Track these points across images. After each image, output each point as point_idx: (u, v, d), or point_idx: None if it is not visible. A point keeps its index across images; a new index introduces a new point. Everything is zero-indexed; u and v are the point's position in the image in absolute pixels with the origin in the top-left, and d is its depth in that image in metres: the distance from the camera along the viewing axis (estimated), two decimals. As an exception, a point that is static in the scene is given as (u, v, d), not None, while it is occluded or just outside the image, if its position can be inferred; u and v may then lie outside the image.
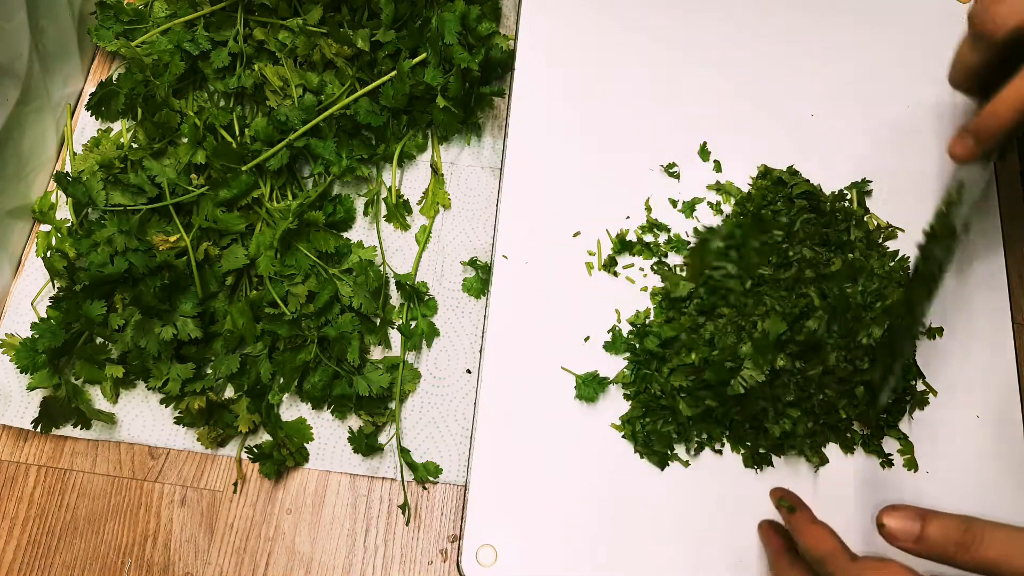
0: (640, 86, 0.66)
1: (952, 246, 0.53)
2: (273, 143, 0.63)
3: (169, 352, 0.58)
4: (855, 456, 0.56)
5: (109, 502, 0.59)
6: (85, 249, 0.59)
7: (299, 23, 0.65)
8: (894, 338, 0.54)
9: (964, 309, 0.60)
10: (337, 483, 0.60)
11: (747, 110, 0.65)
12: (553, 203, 0.63)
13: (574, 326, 0.59)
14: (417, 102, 0.66)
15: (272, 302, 0.60)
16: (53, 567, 0.58)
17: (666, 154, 0.64)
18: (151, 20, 0.68)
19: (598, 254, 0.61)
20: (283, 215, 0.61)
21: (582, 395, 0.57)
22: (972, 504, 0.55)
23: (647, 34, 0.68)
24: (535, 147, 0.64)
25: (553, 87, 0.66)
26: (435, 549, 0.58)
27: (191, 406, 0.58)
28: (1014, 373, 0.58)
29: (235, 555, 0.58)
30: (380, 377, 0.59)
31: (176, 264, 0.58)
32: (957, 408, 0.57)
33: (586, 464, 0.56)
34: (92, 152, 0.65)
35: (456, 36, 0.63)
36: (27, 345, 0.58)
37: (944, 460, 0.56)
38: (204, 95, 0.68)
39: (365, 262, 0.62)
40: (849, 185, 0.62)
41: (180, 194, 0.61)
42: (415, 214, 0.66)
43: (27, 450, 0.61)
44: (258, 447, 0.59)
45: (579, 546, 0.54)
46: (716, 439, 0.56)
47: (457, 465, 0.59)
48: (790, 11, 0.69)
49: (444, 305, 0.63)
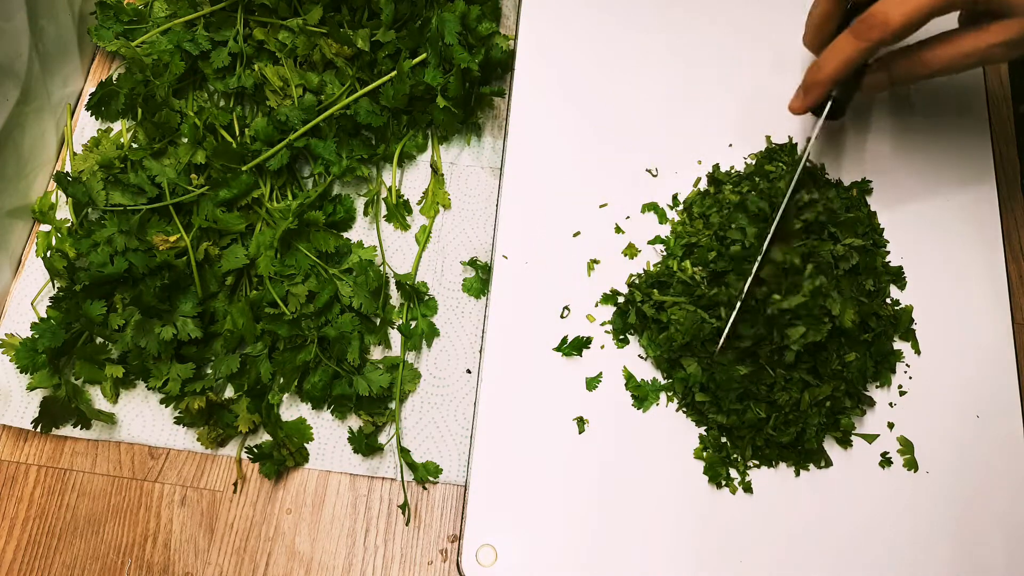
0: (640, 86, 0.66)
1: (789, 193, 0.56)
2: (273, 143, 0.63)
3: (169, 352, 0.58)
4: (855, 456, 0.56)
5: (109, 502, 0.59)
6: (85, 249, 0.59)
7: (299, 23, 0.65)
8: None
9: (964, 308, 0.60)
10: (337, 483, 0.60)
11: (748, 110, 0.65)
12: (553, 203, 0.63)
13: (574, 326, 0.59)
14: (417, 102, 0.66)
15: (272, 302, 0.60)
16: (53, 567, 0.58)
17: (666, 154, 0.64)
18: (151, 20, 0.68)
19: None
20: (283, 215, 0.61)
21: (566, 352, 0.58)
22: (972, 504, 0.55)
23: (647, 34, 0.68)
24: (535, 147, 0.64)
25: (553, 87, 0.66)
26: (435, 549, 0.58)
27: (191, 406, 0.58)
28: (1014, 373, 0.58)
29: (235, 555, 0.58)
30: (380, 377, 0.59)
31: (176, 264, 0.58)
32: (957, 408, 0.57)
33: (586, 464, 0.56)
34: (92, 152, 0.65)
35: (456, 36, 0.63)
36: (27, 345, 0.58)
37: (944, 460, 0.56)
38: (204, 95, 0.68)
39: (365, 262, 0.62)
40: (850, 184, 0.62)
41: (180, 194, 0.61)
42: (415, 214, 0.66)
43: (27, 450, 0.61)
44: (258, 447, 0.59)
45: (579, 546, 0.54)
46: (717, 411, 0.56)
47: (457, 465, 0.59)
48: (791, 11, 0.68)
49: (444, 305, 0.63)
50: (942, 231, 0.62)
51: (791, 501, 0.55)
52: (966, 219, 0.62)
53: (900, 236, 0.61)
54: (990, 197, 0.63)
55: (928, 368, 0.58)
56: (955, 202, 0.62)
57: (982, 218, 0.62)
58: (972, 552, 0.54)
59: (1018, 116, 0.70)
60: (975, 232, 0.62)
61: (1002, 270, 0.61)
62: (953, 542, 0.54)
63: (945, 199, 0.62)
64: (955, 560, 0.54)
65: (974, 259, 0.61)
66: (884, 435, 0.57)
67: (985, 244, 0.61)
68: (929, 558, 0.54)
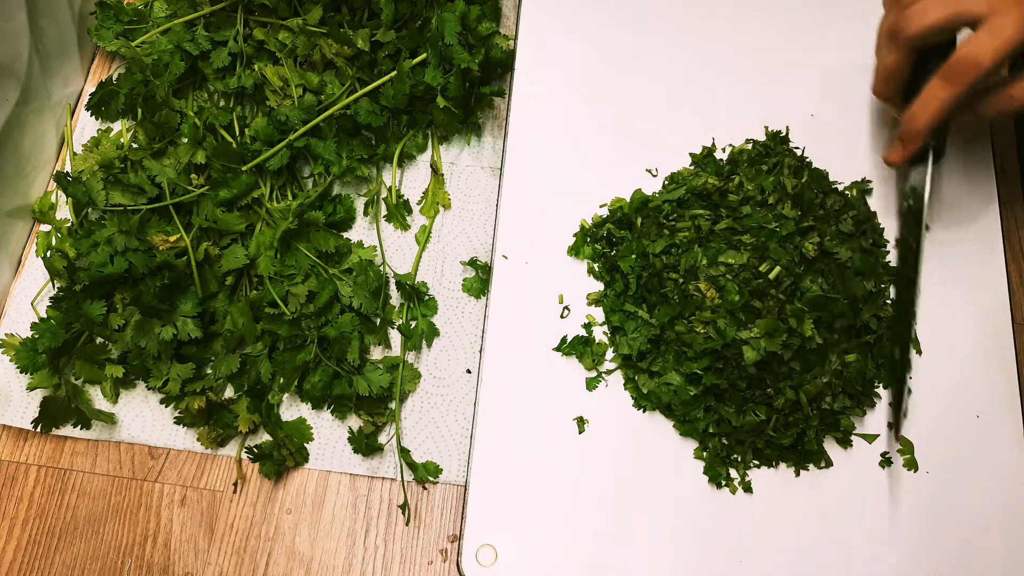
0: (640, 86, 0.66)
1: (919, 246, 0.57)
2: (273, 143, 0.63)
3: (169, 352, 0.58)
4: (855, 456, 0.56)
5: (109, 502, 0.59)
6: (85, 249, 0.59)
7: (299, 23, 0.65)
8: (893, 344, 0.57)
9: (964, 309, 0.60)
10: (337, 483, 0.60)
11: (748, 111, 0.65)
12: (553, 203, 0.63)
13: (574, 326, 0.59)
14: (417, 102, 0.66)
15: (272, 302, 0.60)
16: (53, 567, 0.58)
17: (666, 154, 0.64)
18: (151, 20, 0.68)
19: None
20: (283, 215, 0.61)
21: (566, 352, 0.58)
22: (972, 504, 0.55)
23: (647, 34, 0.68)
24: (535, 147, 0.64)
25: (553, 87, 0.66)
26: (435, 549, 0.58)
27: (191, 406, 0.58)
28: (1014, 373, 0.58)
29: (235, 555, 0.58)
30: (380, 377, 0.59)
31: (176, 264, 0.58)
32: (957, 408, 0.57)
33: (586, 464, 0.56)
34: (92, 152, 0.65)
35: (456, 36, 0.63)
36: (27, 345, 0.58)
37: (944, 460, 0.56)
38: (204, 95, 0.68)
39: (365, 262, 0.62)
40: (850, 184, 0.62)
41: (180, 194, 0.61)
42: (415, 214, 0.66)
43: (27, 450, 0.61)
44: (258, 447, 0.58)
45: (579, 546, 0.54)
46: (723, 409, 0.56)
47: (457, 465, 0.59)
48: (792, 11, 0.69)
49: (444, 305, 0.63)
50: (942, 231, 0.62)
51: (791, 501, 0.55)
52: (966, 219, 0.62)
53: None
54: (990, 197, 0.63)
55: (928, 368, 0.58)
56: (955, 202, 0.62)
57: (982, 218, 0.62)
58: (972, 552, 0.54)
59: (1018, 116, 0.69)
60: (975, 232, 0.62)
61: (1002, 270, 0.61)
62: (953, 542, 0.54)
63: (945, 199, 0.62)
64: (955, 560, 0.54)
65: (974, 259, 0.61)
66: (884, 435, 0.57)
67: (985, 244, 0.61)
68: (929, 558, 0.54)
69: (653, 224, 0.59)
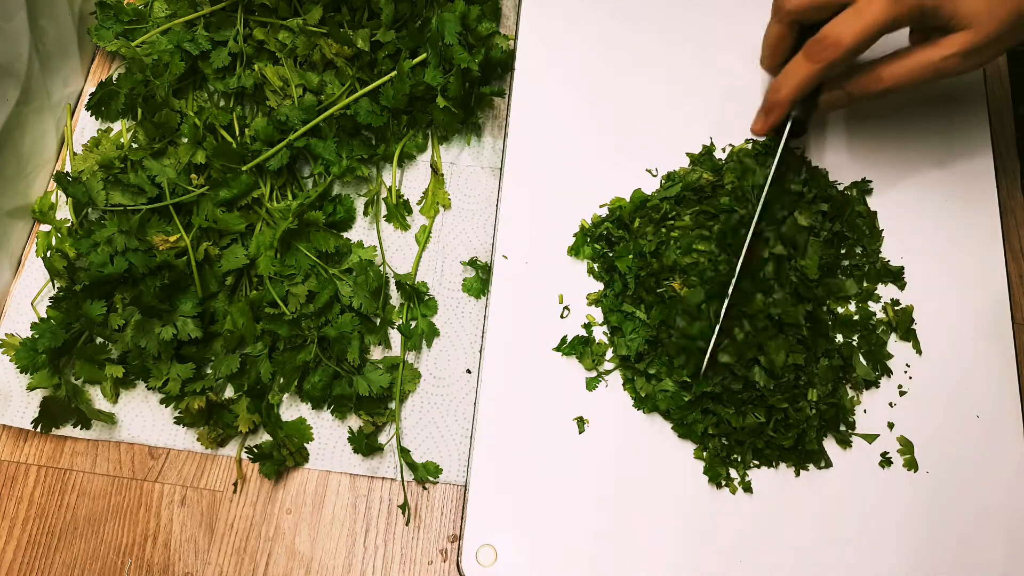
0: (640, 86, 0.66)
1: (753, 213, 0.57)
2: (273, 143, 0.63)
3: (169, 352, 0.58)
4: (855, 456, 0.56)
5: (109, 502, 0.59)
6: (85, 249, 0.59)
7: (299, 23, 0.65)
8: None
9: (964, 309, 0.60)
10: (337, 483, 0.60)
11: (749, 111, 0.65)
12: (553, 203, 0.63)
13: (574, 326, 0.59)
14: (417, 102, 0.66)
15: (272, 302, 0.60)
16: (53, 567, 0.58)
17: (666, 154, 0.64)
18: (151, 20, 0.68)
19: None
20: (283, 215, 0.61)
21: (566, 352, 0.58)
22: (972, 504, 0.55)
23: (647, 34, 0.68)
24: (535, 147, 0.64)
25: (553, 87, 0.66)
26: (435, 549, 0.58)
27: (191, 406, 0.58)
28: (1014, 373, 0.58)
29: (235, 555, 0.58)
30: (380, 377, 0.59)
31: (176, 264, 0.58)
32: (957, 408, 0.57)
33: (586, 464, 0.56)
34: (92, 152, 0.65)
35: (456, 36, 0.63)
36: (27, 345, 0.58)
37: (944, 460, 0.56)
38: (204, 95, 0.68)
39: (365, 262, 0.62)
40: (850, 184, 0.62)
41: (180, 194, 0.61)
42: (415, 214, 0.66)
43: (27, 450, 0.61)
44: (258, 447, 0.59)
45: (579, 546, 0.54)
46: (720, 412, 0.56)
47: (457, 465, 0.59)
48: (790, 11, 0.69)
49: (444, 305, 0.63)
50: (942, 231, 0.62)
51: (791, 501, 0.55)
52: (966, 219, 0.62)
53: (900, 236, 0.61)
54: (990, 197, 0.63)
55: (928, 368, 0.58)
56: (955, 202, 0.62)
57: (982, 218, 0.62)
58: (972, 552, 0.54)
59: (1018, 116, 0.70)
60: (975, 232, 0.62)
61: (1002, 270, 0.61)
62: (953, 542, 0.54)
63: (945, 199, 0.62)
64: (955, 560, 0.54)
65: (974, 259, 0.61)
66: (884, 435, 0.57)
67: (985, 244, 0.61)
68: (929, 558, 0.54)
69: (649, 223, 0.59)
